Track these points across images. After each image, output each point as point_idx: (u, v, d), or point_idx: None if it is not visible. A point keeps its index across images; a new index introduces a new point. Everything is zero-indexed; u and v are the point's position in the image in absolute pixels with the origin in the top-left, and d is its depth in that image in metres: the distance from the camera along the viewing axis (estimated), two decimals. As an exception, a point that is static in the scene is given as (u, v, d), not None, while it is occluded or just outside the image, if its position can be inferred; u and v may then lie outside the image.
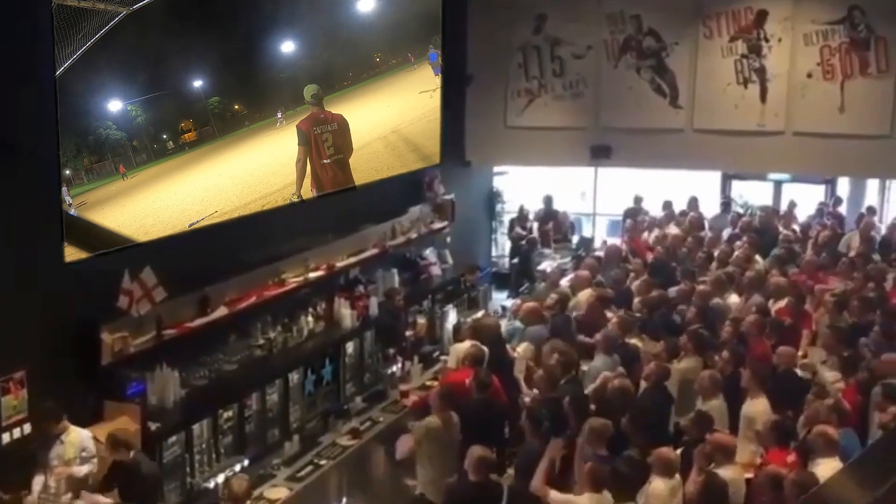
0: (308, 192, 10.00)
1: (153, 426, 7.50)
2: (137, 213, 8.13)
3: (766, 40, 13.17)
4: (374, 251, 11.45)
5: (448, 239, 13.23)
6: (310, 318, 9.96)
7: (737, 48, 13.30)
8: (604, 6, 13.62)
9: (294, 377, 9.00)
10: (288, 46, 9.81)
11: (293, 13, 9.82)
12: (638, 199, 14.14)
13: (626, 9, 13.57)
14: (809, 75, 13.03)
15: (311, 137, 9.94)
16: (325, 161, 10.14)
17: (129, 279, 7.68)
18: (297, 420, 8.89)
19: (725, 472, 6.51)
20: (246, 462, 7.95)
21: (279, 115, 9.76)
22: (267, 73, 9.60)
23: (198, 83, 8.70)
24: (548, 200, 14.62)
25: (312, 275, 10.25)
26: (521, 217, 14.26)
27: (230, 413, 8.14)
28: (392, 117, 11.61)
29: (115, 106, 7.79)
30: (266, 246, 9.67)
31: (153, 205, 8.32)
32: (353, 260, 11.05)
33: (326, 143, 10.13)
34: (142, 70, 7.99)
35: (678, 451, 6.87)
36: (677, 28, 13.49)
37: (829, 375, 8.02)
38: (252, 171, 9.49)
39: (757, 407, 7.53)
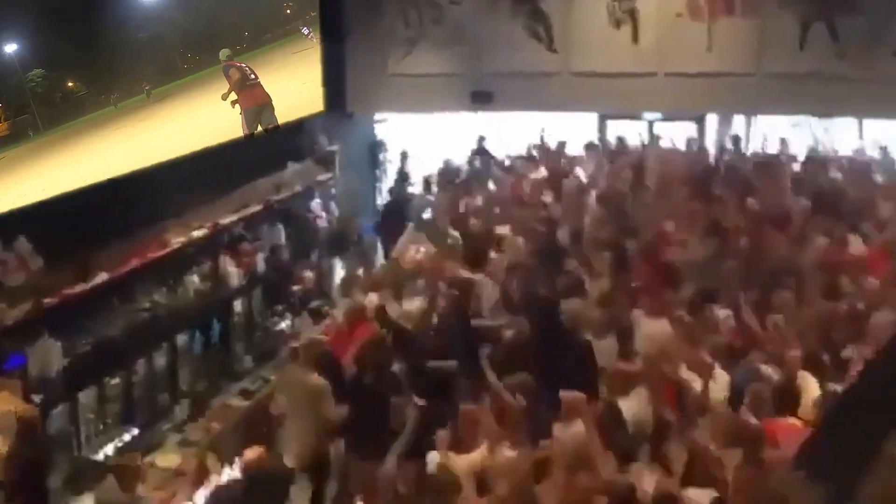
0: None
1: (36, 399, 7.37)
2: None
3: (637, -19, 13.41)
4: (258, 207, 11.36)
5: (333, 190, 13.22)
6: (195, 278, 9.87)
7: (610, -11, 13.50)
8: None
9: (181, 339, 8.93)
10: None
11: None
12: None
13: (500, -47, 13.59)
14: (679, 15, 13.34)
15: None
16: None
17: (1, 249, 7.48)
18: (186, 383, 8.84)
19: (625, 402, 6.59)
20: (135, 431, 7.87)
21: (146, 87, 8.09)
22: (119, 34, 7.45)
23: (10, 48, 6.23)
24: (480, 141, 14.30)
25: (196, 234, 10.13)
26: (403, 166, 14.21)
27: (117, 380, 8.05)
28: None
29: None
30: (147, 207, 9.46)
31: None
32: (236, 217, 10.95)
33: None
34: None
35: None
36: (551, -29, 13.60)
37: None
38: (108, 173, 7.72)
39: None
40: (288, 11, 10.70)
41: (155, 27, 7.64)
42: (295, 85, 11.40)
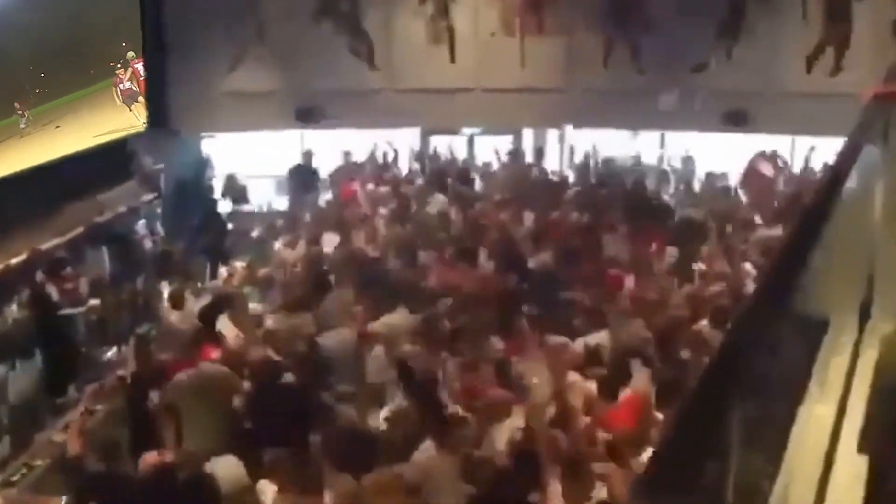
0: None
1: None
2: None
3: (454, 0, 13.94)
4: (80, 230, 11.21)
5: (159, 210, 13.15)
6: (14, 307, 9.68)
7: (427, 8, 13.94)
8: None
9: (0, 371, 8.75)
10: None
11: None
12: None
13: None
14: (493, 34, 14.01)
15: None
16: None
17: None
18: (6, 417, 8.66)
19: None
20: (-50, 474, 7.62)
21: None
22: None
23: None
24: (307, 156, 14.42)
25: (14, 260, 9.93)
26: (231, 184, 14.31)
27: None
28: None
29: None
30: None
31: None
32: (57, 241, 10.77)
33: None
34: None
35: None
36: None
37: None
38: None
39: None
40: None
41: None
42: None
